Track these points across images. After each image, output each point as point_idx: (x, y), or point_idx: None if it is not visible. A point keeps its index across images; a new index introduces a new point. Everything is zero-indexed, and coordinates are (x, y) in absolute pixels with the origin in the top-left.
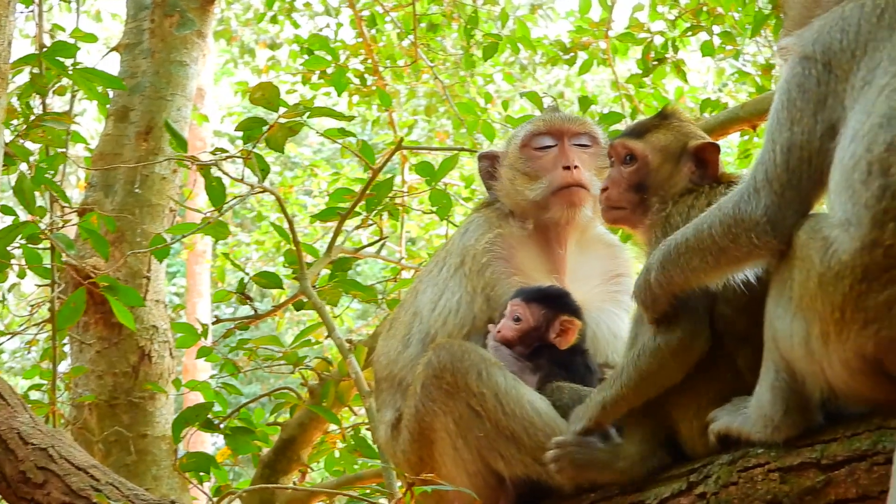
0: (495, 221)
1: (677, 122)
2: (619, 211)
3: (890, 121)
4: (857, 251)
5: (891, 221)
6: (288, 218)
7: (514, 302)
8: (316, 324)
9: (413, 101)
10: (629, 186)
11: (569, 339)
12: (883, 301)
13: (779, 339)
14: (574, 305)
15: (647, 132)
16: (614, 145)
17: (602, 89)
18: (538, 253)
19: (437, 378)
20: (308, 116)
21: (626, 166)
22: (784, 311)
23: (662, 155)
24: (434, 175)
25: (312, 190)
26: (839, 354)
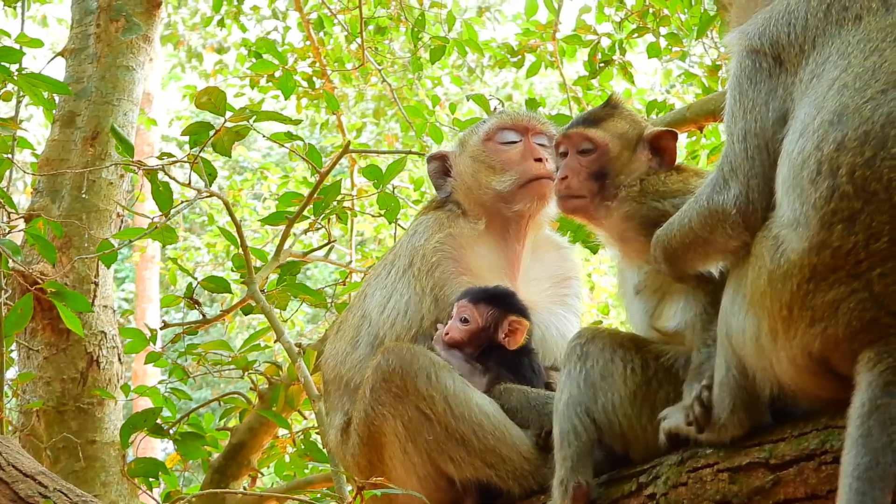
0: (445, 222)
1: (627, 111)
2: (579, 200)
3: (841, 118)
4: (805, 252)
5: (839, 223)
6: (235, 222)
7: (460, 303)
8: (265, 328)
9: (361, 105)
10: (589, 175)
11: (517, 340)
12: (829, 300)
13: (732, 335)
14: (521, 305)
15: (602, 120)
16: (569, 135)
17: (550, 91)
18: (490, 253)
19: (387, 382)
20: (255, 120)
21: (585, 155)
22: (738, 308)
23: (621, 142)
24: (382, 178)
25: (262, 194)
26: (787, 352)
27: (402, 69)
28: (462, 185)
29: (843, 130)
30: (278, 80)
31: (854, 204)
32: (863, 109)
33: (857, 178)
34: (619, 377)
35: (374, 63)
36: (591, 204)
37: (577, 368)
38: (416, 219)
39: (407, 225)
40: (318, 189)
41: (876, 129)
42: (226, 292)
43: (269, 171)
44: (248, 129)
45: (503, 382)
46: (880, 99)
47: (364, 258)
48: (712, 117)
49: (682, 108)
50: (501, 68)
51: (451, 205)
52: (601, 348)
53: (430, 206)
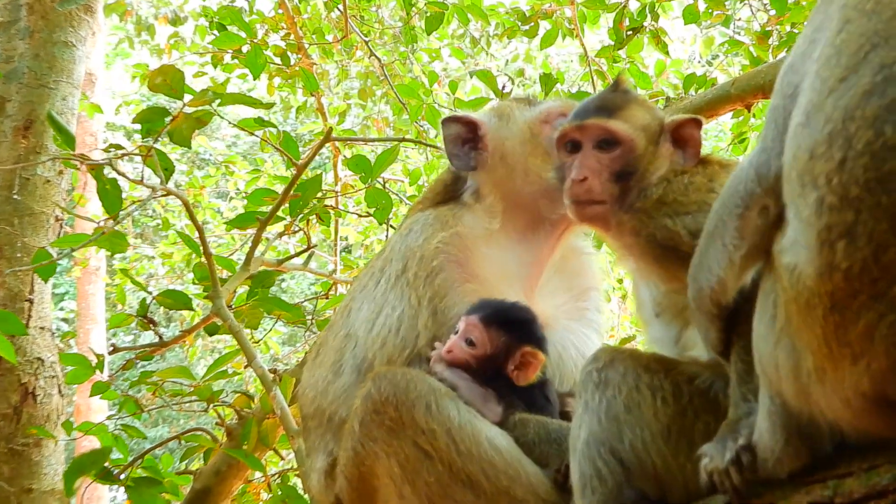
0: (450, 219)
1: (641, 97)
2: (599, 207)
3: (808, 118)
4: (817, 278)
5: (839, 240)
6: (197, 225)
7: (469, 320)
8: (233, 351)
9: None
10: (611, 176)
11: (528, 376)
12: (862, 331)
13: (764, 363)
14: (539, 334)
15: (620, 109)
16: (586, 126)
17: (569, 65)
18: (504, 258)
19: (378, 413)
20: (219, 105)
21: (605, 152)
22: (767, 331)
23: (646, 136)
24: (370, 171)
25: (227, 191)
26: (839, 394)
27: (392, 41)
28: (498, 164)
29: (811, 134)
30: (246, 57)
31: (846, 216)
32: (825, 105)
33: (836, 187)
34: (647, 408)
35: (360, 34)
36: (610, 211)
37: (597, 399)
38: (411, 215)
39: None
40: (294, 185)
41: (838, 126)
42: (186, 309)
43: (236, 165)
44: (210, 115)
45: (516, 412)
46: (840, 89)
47: (349, 267)
48: (762, 93)
49: (726, 82)
50: (511, 38)
51: (467, 191)
52: (623, 373)
53: (430, 199)
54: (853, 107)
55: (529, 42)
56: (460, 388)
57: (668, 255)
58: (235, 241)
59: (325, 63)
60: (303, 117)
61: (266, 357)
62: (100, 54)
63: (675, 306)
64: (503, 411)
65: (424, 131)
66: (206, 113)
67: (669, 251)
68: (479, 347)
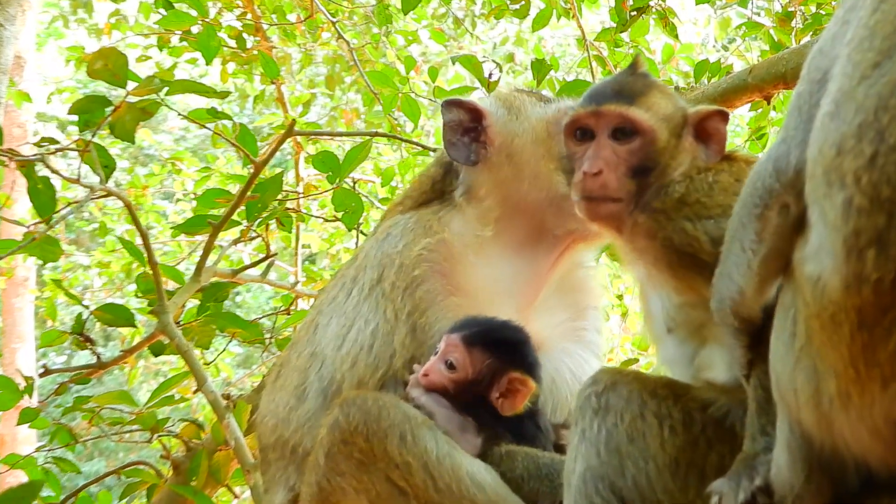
0: (435, 224)
1: (661, 83)
2: (614, 205)
3: (838, 108)
4: (844, 290)
5: (868, 248)
6: (141, 230)
7: (449, 339)
8: (181, 374)
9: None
10: (629, 170)
11: (515, 405)
12: (893, 351)
13: (782, 387)
14: (531, 358)
15: (639, 95)
16: (603, 113)
17: (565, 49)
18: (496, 270)
19: (347, 444)
20: (167, 93)
21: (622, 143)
22: (785, 351)
23: (669, 127)
24: (338, 169)
25: (174, 192)
26: (867, 423)
27: (364, 22)
28: (503, 162)
29: (840, 126)
30: (196, 38)
31: (876, 220)
32: (856, 93)
33: (866, 186)
34: (653, 439)
35: (327, 13)
36: (625, 210)
37: (595, 427)
38: (389, 217)
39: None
40: (251, 185)
41: (869, 117)
42: (127, 326)
43: (184, 162)
44: (157, 106)
45: (503, 443)
46: (873, 76)
47: (313, 278)
48: (783, 83)
49: (743, 70)
50: (499, 19)
51: (459, 189)
52: (626, 398)
53: (413, 199)
54: (887, 95)
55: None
56: (437, 416)
57: (684, 263)
58: (183, 249)
59: (286, 46)
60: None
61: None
62: (30, 35)
63: (690, 321)
64: (483, 443)
65: (399, 125)
66: (151, 103)
67: (686, 258)
68: (460, 371)
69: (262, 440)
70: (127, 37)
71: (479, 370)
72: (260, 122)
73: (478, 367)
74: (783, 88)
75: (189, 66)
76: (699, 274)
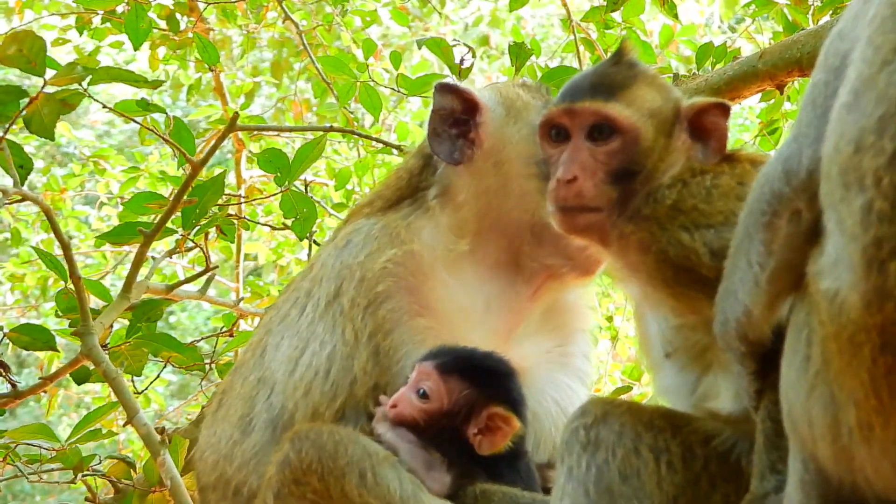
0: (402, 231)
1: (650, 71)
2: (593, 215)
3: (857, 98)
4: (864, 308)
5: (892, 259)
6: (61, 239)
7: (423, 366)
8: (107, 405)
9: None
10: (609, 175)
11: (495, 444)
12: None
13: (795, 417)
14: (516, 394)
15: (621, 88)
16: (577, 110)
17: (548, 31)
18: (472, 289)
19: (299, 484)
20: (90, 83)
21: (600, 144)
22: (798, 377)
23: (655, 124)
24: (288, 169)
25: (98, 196)
26: (890, 457)
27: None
28: (489, 170)
29: (859, 118)
30: (122, 19)
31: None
32: (877, 80)
33: (887, 188)
34: (649, 476)
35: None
36: (608, 220)
37: (584, 464)
38: (351, 221)
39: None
40: (187, 188)
41: (892, 108)
42: (46, 350)
43: (109, 161)
44: (79, 97)
45: (477, 482)
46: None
47: (259, 294)
48: (798, 69)
49: (753, 55)
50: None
51: (433, 189)
52: (618, 432)
53: (382, 199)
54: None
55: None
56: (401, 451)
57: (682, 279)
58: (109, 261)
59: (225, 28)
60: (197, 99)
61: (150, 412)
62: None
63: (691, 346)
64: (453, 480)
65: (357, 119)
66: (73, 94)
67: (684, 273)
68: (434, 400)
69: (202, 479)
70: (41, 17)
71: (456, 401)
72: (196, 115)
73: (454, 397)
74: (798, 76)
75: (114, 51)
76: (700, 291)
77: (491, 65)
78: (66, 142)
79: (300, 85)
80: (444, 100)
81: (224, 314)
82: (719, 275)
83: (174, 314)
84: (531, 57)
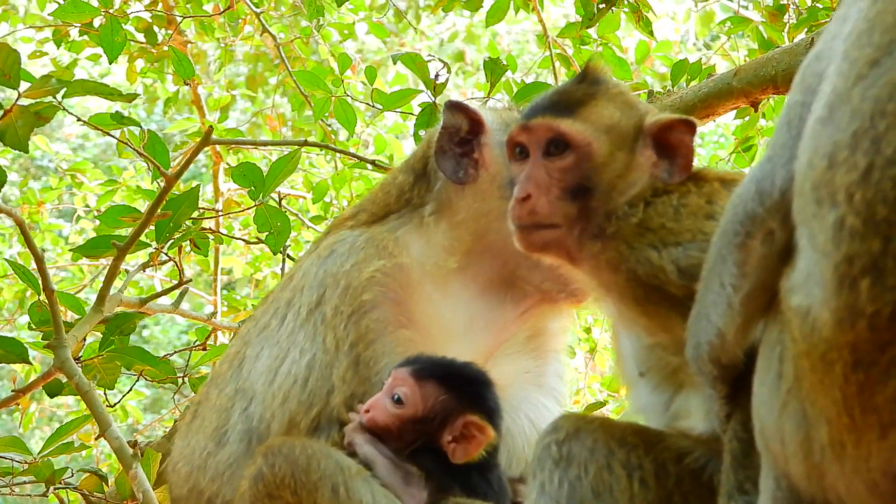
0: (390, 244)
1: (615, 88)
2: (550, 231)
3: (832, 112)
4: (836, 326)
5: (863, 277)
6: (35, 253)
7: (398, 372)
8: (80, 418)
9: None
10: (564, 192)
11: (469, 453)
12: (892, 395)
13: (767, 435)
14: (493, 403)
15: (579, 105)
16: (531, 127)
17: (524, 47)
18: (458, 307)
19: (272, 498)
20: (65, 95)
21: (555, 160)
22: (770, 395)
23: (611, 139)
24: (263, 183)
25: (74, 209)
26: (863, 476)
27: (291, 13)
28: (487, 190)
29: (833, 133)
30: (99, 32)
31: (871, 244)
32: (852, 95)
33: (859, 205)
34: (621, 493)
35: (250, 3)
36: (568, 237)
37: (556, 480)
38: (335, 232)
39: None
40: (162, 201)
41: (865, 124)
42: (20, 363)
43: (85, 175)
44: (54, 109)
45: (452, 498)
46: (871, 75)
47: (234, 308)
48: (773, 87)
49: (728, 72)
50: (447, 12)
51: (429, 205)
52: (591, 448)
53: (368, 215)
54: (885, 98)
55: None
56: (377, 465)
57: (652, 298)
58: (84, 275)
59: (202, 41)
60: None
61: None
62: None
63: (664, 365)
64: (429, 496)
65: (333, 132)
66: (48, 106)
67: (654, 292)
68: (408, 406)
69: (174, 491)
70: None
71: (431, 407)
72: (172, 128)
73: (429, 402)
74: (773, 93)
75: (90, 64)
76: (670, 309)
77: (466, 80)
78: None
79: (276, 99)
80: (453, 118)
81: (198, 328)
82: (688, 293)
83: (147, 328)
84: (506, 73)
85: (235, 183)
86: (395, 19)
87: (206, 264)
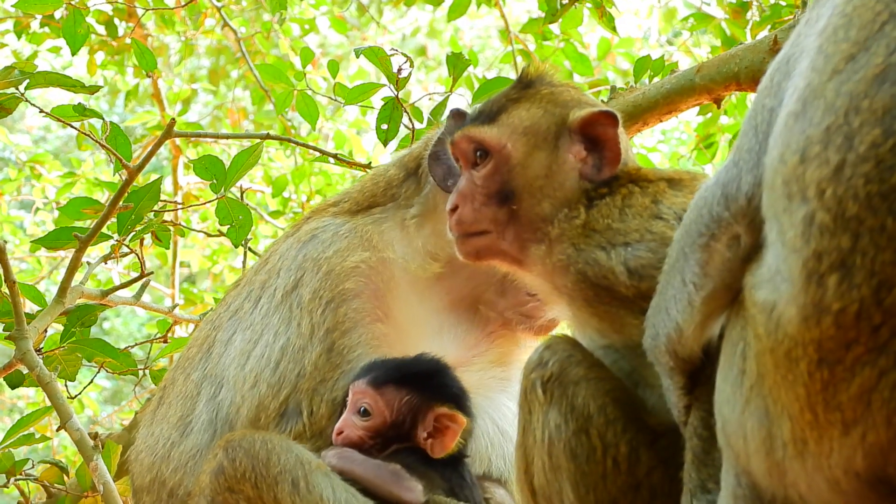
0: (374, 237)
1: (547, 88)
2: (481, 238)
3: (805, 107)
4: (801, 322)
5: (831, 274)
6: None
7: (355, 386)
8: (41, 409)
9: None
10: (487, 197)
11: (447, 444)
12: (857, 392)
13: (729, 432)
14: (455, 388)
15: (500, 111)
16: (456, 141)
17: (486, 42)
18: (434, 313)
19: (233, 492)
20: (27, 87)
21: (479, 168)
22: (732, 392)
23: (528, 140)
24: (224, 176)
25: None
26: (825, 473)
27: (253, 7)
28: None
29: (806, 127)
30: (60, 24)
31: (840, 241)
32: (826, 90)
33: (830, 201)
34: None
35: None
36: (502, 241)
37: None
38: (315, 218)
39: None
40: (123, 193)
41: (839, 119)
42: None
43: (45, 166)
44: (16, 101)
45: (433, 492)
46: (846, 70)
47: (193, 301)
48: (735, 83)
49: (690, 69)
50: (409, 6)
51: (415, 207)
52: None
53: (352, 203)
54: (860, 94)
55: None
56: (357, 471)
57: (603, 299)
58: (44, 266)
59: (163, 34)
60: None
61: (82, 418)
62: None
63: (618, 368)
64: (424, 487)
65: (294, 126)
66: (10, 98)
67: (604, 293)
68: (376, 416)
69: (136, 480)
70: None
71: (398, 410)
72: (133, 120)
73: (395, 406)
74: (735, 90)
75: (51, 56)
76: (621, 309)
77: (428, 75)
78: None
79: (237, 92)
80: (455, 126)
81: (158, 320)
82: (638, 293)
83: (108, 320)
84: (469, 68)
85: (198, 176)
86: (357, 13)
87: (165, 257)
